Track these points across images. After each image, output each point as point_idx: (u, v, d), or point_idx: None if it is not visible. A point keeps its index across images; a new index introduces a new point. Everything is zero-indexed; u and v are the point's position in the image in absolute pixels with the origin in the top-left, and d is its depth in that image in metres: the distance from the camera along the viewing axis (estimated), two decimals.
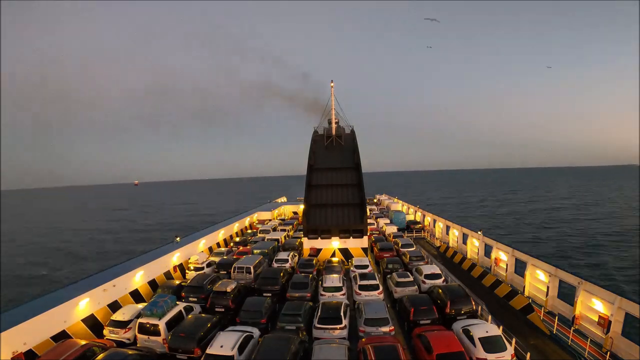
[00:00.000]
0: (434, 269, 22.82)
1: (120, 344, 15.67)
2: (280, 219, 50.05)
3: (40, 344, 14.40)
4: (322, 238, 29.83)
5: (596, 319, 16.24)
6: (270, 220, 48.62)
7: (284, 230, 39.47)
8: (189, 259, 27.33)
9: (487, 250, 28.65)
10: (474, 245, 30.86)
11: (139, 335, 15.75)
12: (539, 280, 21.48)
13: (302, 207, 41.41)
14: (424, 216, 46.31)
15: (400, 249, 29.58)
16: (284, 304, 18.12)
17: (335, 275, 21.99)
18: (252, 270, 23.77)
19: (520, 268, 24.04)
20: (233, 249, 32.37)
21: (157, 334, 15.53)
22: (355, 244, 29.67)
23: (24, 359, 13.59)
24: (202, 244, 31.05)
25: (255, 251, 28.68)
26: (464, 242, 32.71)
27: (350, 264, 26.84)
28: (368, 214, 39.21)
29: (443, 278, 22.08)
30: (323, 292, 20.30)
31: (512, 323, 17.71)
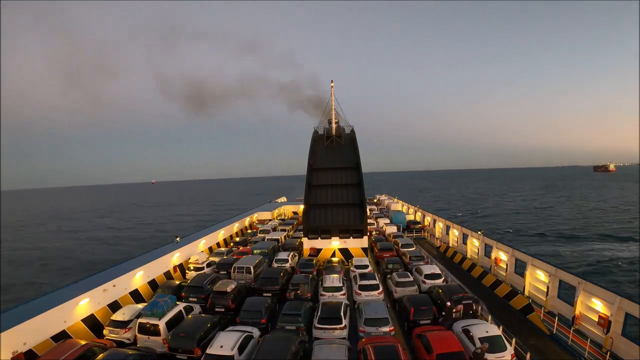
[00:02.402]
0: (434, 269, 22.83)
1: (120, 344, 15.66)
2: (280, 219, 50.05)
3: (40, 344, 14.39)
4: (322, 238, 29.82)
5: (596, 319, 16.22)
6: (270, 220, 48.63)
7: (284, 230, 39.45)
8: (189, 259, 27.34)
9: (487, 250, 28.66)
10: (474, 245, 30.85)
11: (139, 335, 15.74)
12: (539, 280, 21.49)
13: (302, 207, 41.33)
14: (424, 216, 46.28)
15: (400, 249, 29.57)
16: (284, 304, 18.14)
17: (335, 275, 21.98)
18: (252, 270, 23.78)
19: (520, 268, 24.04)
20: (233, 249, 32.35)
21: (157, 334, 15.53)
22: (355, 244, 29.67)
23: (24, 359, 13.60)
24: (202, 244, 31.05)
25: (255, 251, 28.68)
26: (464, 242, 32.70)
27: (350, 264, 26.85)
28: (368, 214, 39.21)
29: (443, 278, 22.09)
30: (323, 292, 20.30)
31: (512, 323, 17.71)
